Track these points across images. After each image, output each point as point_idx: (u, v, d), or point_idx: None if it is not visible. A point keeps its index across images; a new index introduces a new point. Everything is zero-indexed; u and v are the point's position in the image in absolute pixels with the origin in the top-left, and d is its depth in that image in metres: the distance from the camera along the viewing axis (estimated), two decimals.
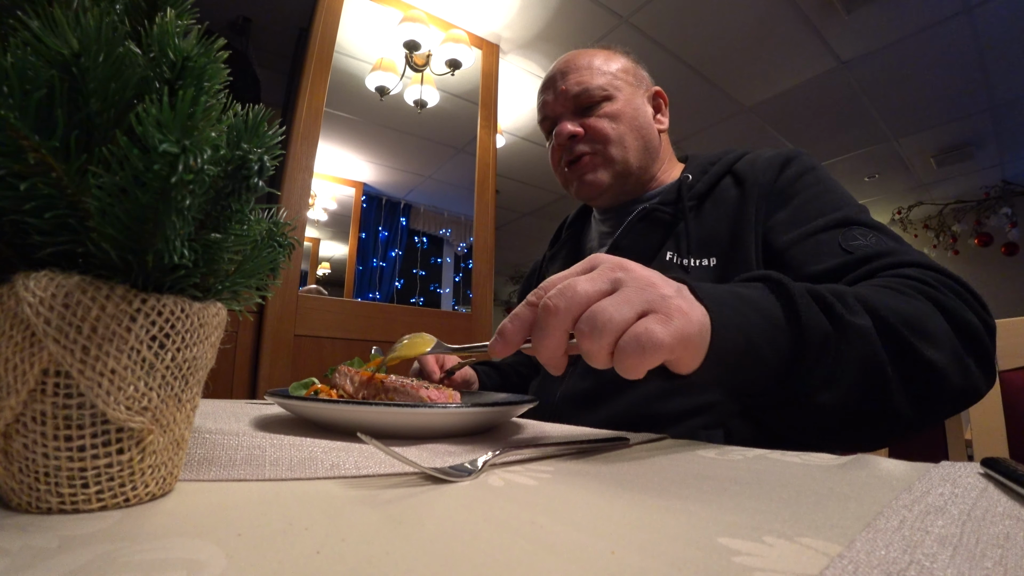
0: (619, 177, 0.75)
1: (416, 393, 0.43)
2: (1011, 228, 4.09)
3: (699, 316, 0.33)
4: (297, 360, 1.71)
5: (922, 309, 0.45)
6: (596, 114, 0.74)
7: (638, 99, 0.77)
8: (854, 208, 0.60)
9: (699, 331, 0.32)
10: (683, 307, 0.32)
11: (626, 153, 0.74)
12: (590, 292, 0.32)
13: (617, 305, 0.31)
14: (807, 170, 0.65)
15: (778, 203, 0.63)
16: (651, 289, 0.32)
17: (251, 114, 0.22)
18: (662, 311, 0.31)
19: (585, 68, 0.75)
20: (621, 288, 0.32)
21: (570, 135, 0.74)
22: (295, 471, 0.26)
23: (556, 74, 0.78)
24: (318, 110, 1.87)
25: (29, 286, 0.18)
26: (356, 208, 3.31)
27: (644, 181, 0.78)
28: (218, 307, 0.23)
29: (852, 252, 0.54)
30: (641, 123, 0.75)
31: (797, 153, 0.68)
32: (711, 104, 2.92)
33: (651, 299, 0.32)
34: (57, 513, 0.19)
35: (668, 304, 0.32)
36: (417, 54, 2.23)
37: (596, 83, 0.74)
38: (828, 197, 0.61)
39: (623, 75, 0.77)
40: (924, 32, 2.32)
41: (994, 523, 0.18)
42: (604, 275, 0.33)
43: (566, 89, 0.75)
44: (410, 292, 3.96)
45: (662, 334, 0.30)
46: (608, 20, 2.25)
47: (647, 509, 0.21)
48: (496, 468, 0.29)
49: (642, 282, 0.32)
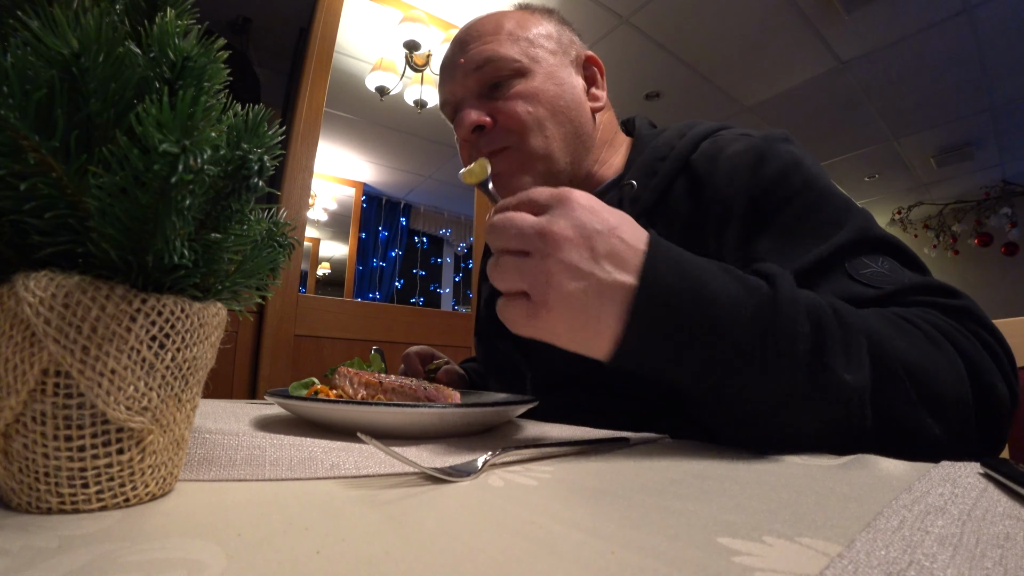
0: (544, 179, 0.58)
1: (416, 393, 0.43)
2: (1011, 228, 4.09)
3: (573, 323, 0.33)
4: (297, 360, 1.71)
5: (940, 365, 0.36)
6: (507, 95, 0.57)
7: (562, 71, 0.59)
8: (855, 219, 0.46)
9: (569, 334, 0.34)
10: (558, 304, 0.33)
11: (548, 145, 0.57)
12: (521, 224, 0.34)
13: (507, 268, 0.34)
14: (789, 170, 0.49)
15: (759, 224, 0.48)
16: (550, 261, 0.32)
17: (251, 114, 0.22)
18: (536, 297, 0.33)
19: (490, 34, 0.58)
20: (534, 251, 0.33)
21: (475, 124, 0.57)
22: (295, 471, 0.26)
23: (455, 45, 0.60)
24: (318, 110, 1.87)
25: (29, 286, 0.18)
26: (356, 208, 3.30)
27: (579, 179, 0.61)
28: (218, 307, 0.23)
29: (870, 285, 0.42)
30: (568, 102, 0.58)
31: (771, 143, 0.51)
32: (711, 104, 2.92)
33: (535, 281, 0.33)
34: (57, 513, 0.19)
35: (547, 295, 0.33)
36: (417, 54, 2.23)
37: (505, 52, 0.56)
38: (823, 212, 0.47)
39: (543, 41, 0.59)
40: (924, 32, 2.32)
41: (994, 523, 0.18)
42: (547, 220, 0.33)
43: (465, 62, 0.57)
44: (410, 292, 3.95)
45: (516, 321, 0.34)
46: (608, 20, 2.26)
47: (647, 509, 0.21)
48: (496, 468, 0.29)
49: (552, 251, 0.33)
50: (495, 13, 0.61)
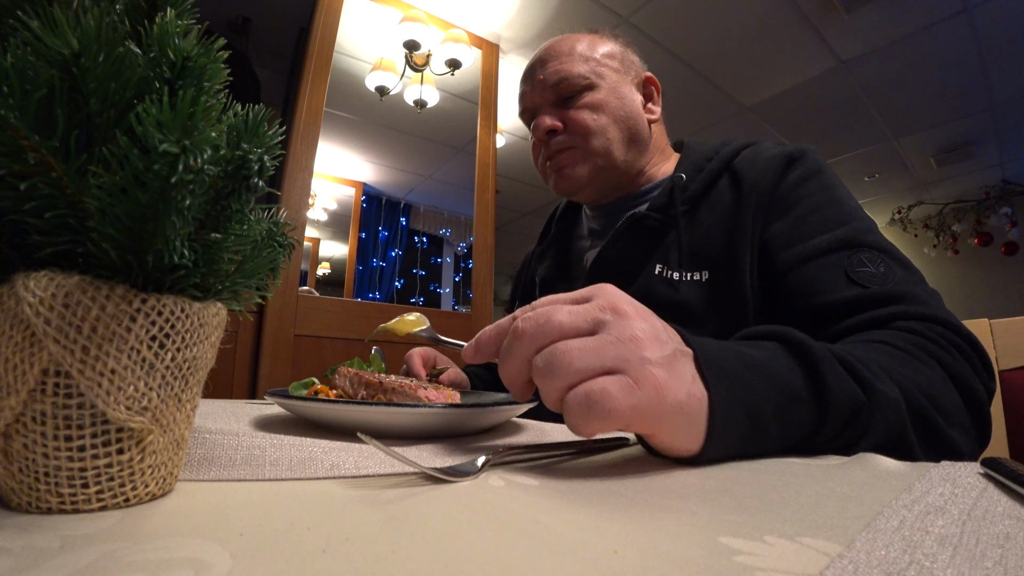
0: (600, 172, 0.70)
1: (415, 393, 0.43)
2: (1011, 228, 4.09)
3: (681, 394, 0.28)
4: (297, 360, 1.71)
5: (936, 381, 0.41)
6: (576, 105, 0.69)
7: (624, 87, 0.71)
8: (861, 223, 0.54)
9: (674, 411, 0.28)
10: (660, 379, 0.27)
11: (609, 145, 0.69)
12: (564, 326, 0.29)
13: (584, 351, 0.27)
14: (812, 174, 0.60)
15: (778, 211, 0.58)
16: (632, 345, 0.28)
17: (251, 114, 0.22)
18: (632, 375, 0.27)
19: (566, 55, 0.70)
20: (600, 332, 0.28)
21: (548, 129, 0.70)
22: (295, 471, 0.26)
23: (536, 62, 0.73)
24: (318, 110, 1.87)
25: (29, 286, 0.18)
26: (356, 208, 3.30)
27: (632, 176, 0.73)
28: (218, 307, 0.23)
29: (861, 283, 0.49)
30: (627, 112, 0.70)
31: (803, 152, 0.62)
32: (711, 104, 2.92)
33: (626, 357, 0.27)
34: (57, 513, 0.19)
35: (643, 370, 0.27)
36: (417, 54, 2.23)
37: (576, 71, 0.69)
38: (833, 209, 0.56)
39: (608, 61, 0.71)
40: (924, 32, 2.32)
41: (994, 523, 0.18)
42: (589, 312, 0.29)
43: (544, 79, 0.70)
44: (410, 292, 3.95)
45: (618, 401, 0.26)
46: (608, 20, 2.26)
47: (648, 508, 0.21)
48: (496, 468, 0.29)
49: (627, 334, 0.28)
50: (570, 36, 0.73)
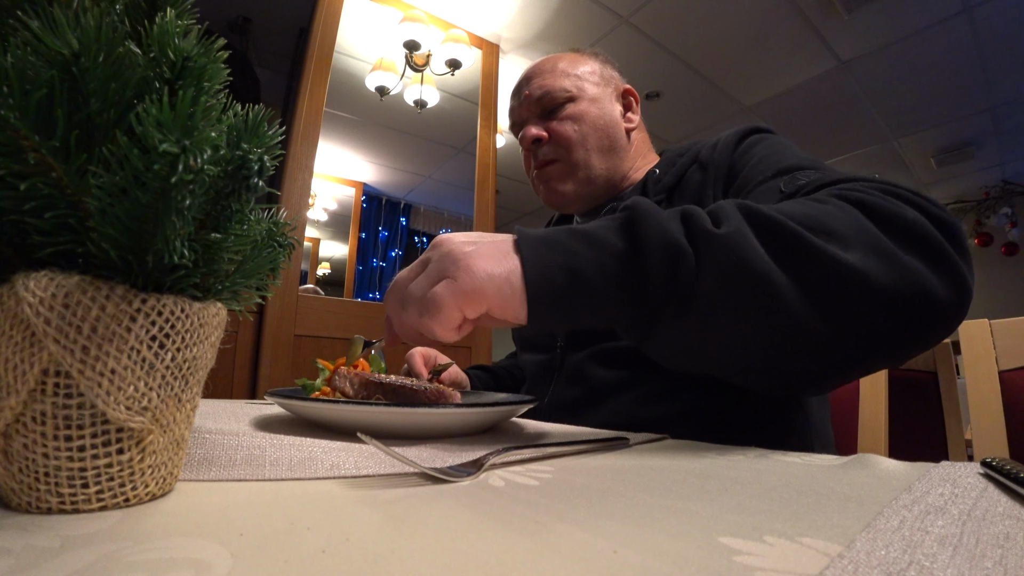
0: (584, 184, 0.75)
1: (416, 393, 0.43)
2: (1011, 228, 4.09)
3: (493, 267, 0.35)
4: (297, 360, 1.71)
5: (829, 211, 0.38)
6: (560, 116, 0.75)
7: (603, 98, 0.78)
8: (807, 160, 0.54)
9: (491, 282, 0.34)
10: (472, 262, 0.34)
11: (588, 156, 0.74)
12: (403, 277, 0.38)
13: (416, 280, 0.36)
14: (761, 140, 0.63)
15: (731, 178, 0.61)
16: (448, 257, 0.35)
17: (251, 114, 0.22)
18: (450, 274, 0.34)
19: (549, 72, 0.77)
20: (429, 265, 0.36)
21: (534, 139, 0.76)
22: (295, 471, 0.26)
23: (523, 80, 0.80)
24: (318, 110, 1.87)
25: (29, 286, 0.18)
26: (356, 208, 3.30)
27: (616, 181, 0.78)
28: (218, 307, 0.23)
29: (789, 192, 0.49)
30: (607, 122, 0.76)
31: (757, 127, 0.67)
32: (711, 104, 2.92)
33: (444, 267, 0.35)
34: (57, 513, 0.19)
35: (457, 266, 0.34)
36: (417, 54, 2.23)
37: (559, 85, 0.75)
38: (774, 158, 0.57)
39: (588, 76, 0.78)
40: (924, 32, 2.32)
41: (994, 523, 0.18)
42: (419, 261, 0.38)
43: (530, 94, 0.77)
44: None
45: (441, 294, 0.34)
46: (608, 20, 2.25)
47: (648, 508, 0.21)
48: (496, 468, 0.29)
49: (445, 250, 0.36)
50: (554, 56, 0.81)
